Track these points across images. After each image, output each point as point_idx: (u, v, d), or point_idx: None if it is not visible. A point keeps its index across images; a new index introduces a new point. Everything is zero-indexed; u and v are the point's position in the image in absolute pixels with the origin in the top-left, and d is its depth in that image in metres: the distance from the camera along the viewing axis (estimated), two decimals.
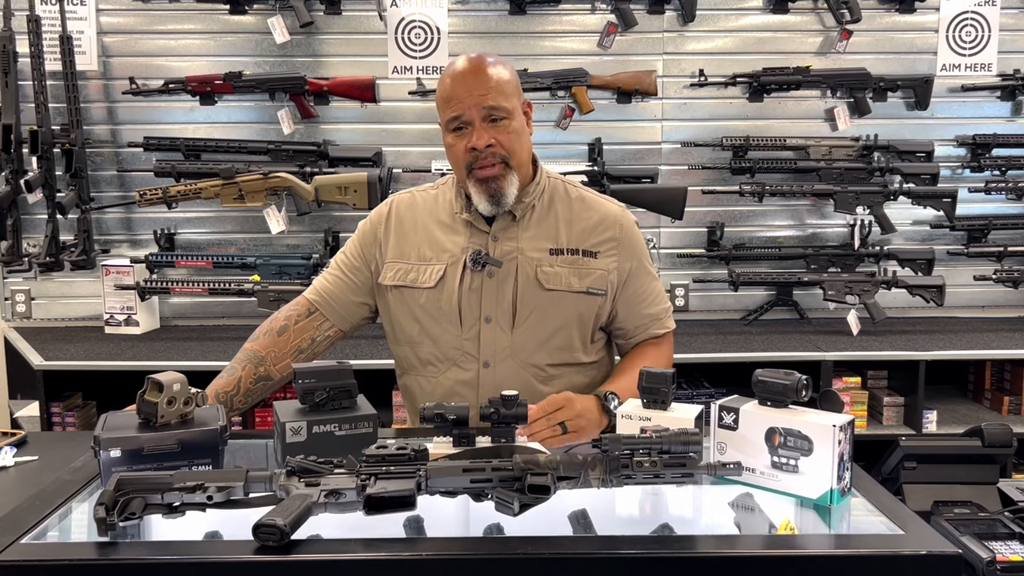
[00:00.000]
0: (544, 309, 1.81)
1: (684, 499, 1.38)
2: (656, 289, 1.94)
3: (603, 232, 1.87)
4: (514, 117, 1.77)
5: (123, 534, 1.17)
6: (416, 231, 1.88)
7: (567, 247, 1.84)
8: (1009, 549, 1.43)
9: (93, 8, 3.33)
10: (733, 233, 3.48)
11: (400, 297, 1.85)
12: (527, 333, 1.81)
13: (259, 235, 3.43)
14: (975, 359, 3.26)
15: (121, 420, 1.39)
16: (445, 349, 1.83)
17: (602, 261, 1.85)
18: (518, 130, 1.79)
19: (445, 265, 1.82)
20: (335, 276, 1.93)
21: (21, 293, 3.44)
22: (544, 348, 1.82)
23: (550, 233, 1.85)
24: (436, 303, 1.82)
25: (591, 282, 1.83)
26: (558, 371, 1.84)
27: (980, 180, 3.44)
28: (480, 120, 1.74)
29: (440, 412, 1.42)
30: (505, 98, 1.75)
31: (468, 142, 1.75)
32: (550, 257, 1.83)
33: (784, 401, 1.33)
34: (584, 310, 1.84)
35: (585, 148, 3.40)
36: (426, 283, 1.82)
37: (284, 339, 1.86)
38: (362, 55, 3.38)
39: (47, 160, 3.17)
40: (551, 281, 1.81)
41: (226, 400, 1.75)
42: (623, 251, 1.88)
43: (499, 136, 1.75)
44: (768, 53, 3.41)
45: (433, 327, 1.83)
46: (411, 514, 1.19)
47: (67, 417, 3.02)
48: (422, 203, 1.92)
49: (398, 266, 1.86)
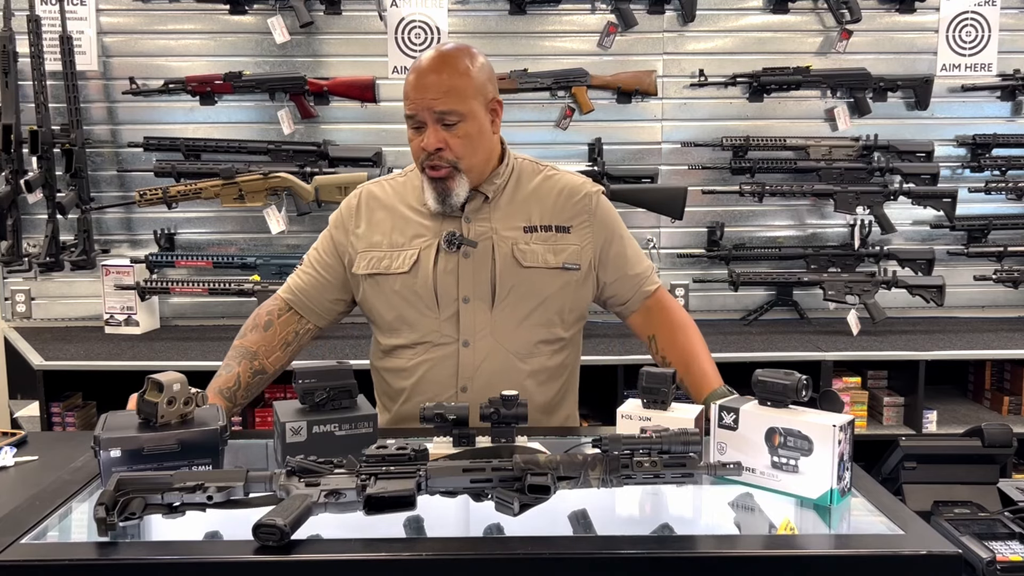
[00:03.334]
0: (523, 286, 1.83)
1: (684, 499, 1.38)
2: (635, 249, 1.96)
3: (575, 207, 1.89)
4: (469, 119, 1.75)
5: (123, 534, 1.17)
6: (387, 218, 1.89)
7: (540, 224, 1.86)
8: (1009, 549, 1.43)
9: (93, 8, 3.33)
10: (733, 233, 3.48)
11: (375, 285, 1.87)
12: (507, 311, 1.83)
13: (259, 235, 3.43)
14: (975, 359, 3.27)
15: (121, 420, 1.39)
16: (423, 332, 1.84)
17: (575, 236, 1.87)
18: (473, 133, 1.77)
19: (418, 250, 1.84)
20: (309, 275, 1.94)
21: (21, 293, 3.44)
22: (524, 325, 1.84)
23: (522, 212, 1.87)
24: (411, 287, 1.83)
25: (566, 257, 1.85)
26: (537, 348, 1.86)
27: (980, 180, 3.44)
28: (432, 122, 1.75)
29: (440, 412, 1.42)
30: (460, 101, 1.74)
31: (421, 141, 1.77)
32: (525, 235, 1.85)
33: (784, 401, 1.33)
34: (562, 285, 1.85)
35: (585, 148, 3.41)
36: (400, 268, 1.83)
37: (271, 333, 1.88)
38: (362, 55, 3.39)
39: (47, 160, 3.17)
40: (528, 258, 1.83)
41: (230, 396, 1.75)
42: (596, 224, 1.89)
43: (450, 140, 1.75)
44: (768, 53, 3.41)
45: (409, 311, 1.85)
46: (411, 514, 1.19)
47: (67, 417, 3.02)
48: (392, 190, 1.93)
49: (371, 254, 1.87)
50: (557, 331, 1.88)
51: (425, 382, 1.85)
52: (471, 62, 1.78)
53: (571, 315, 1.90)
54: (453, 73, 1.75)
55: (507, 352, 1.83)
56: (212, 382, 1.76)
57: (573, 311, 1.90)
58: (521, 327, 1.84)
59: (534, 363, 1.85)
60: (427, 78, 1.75)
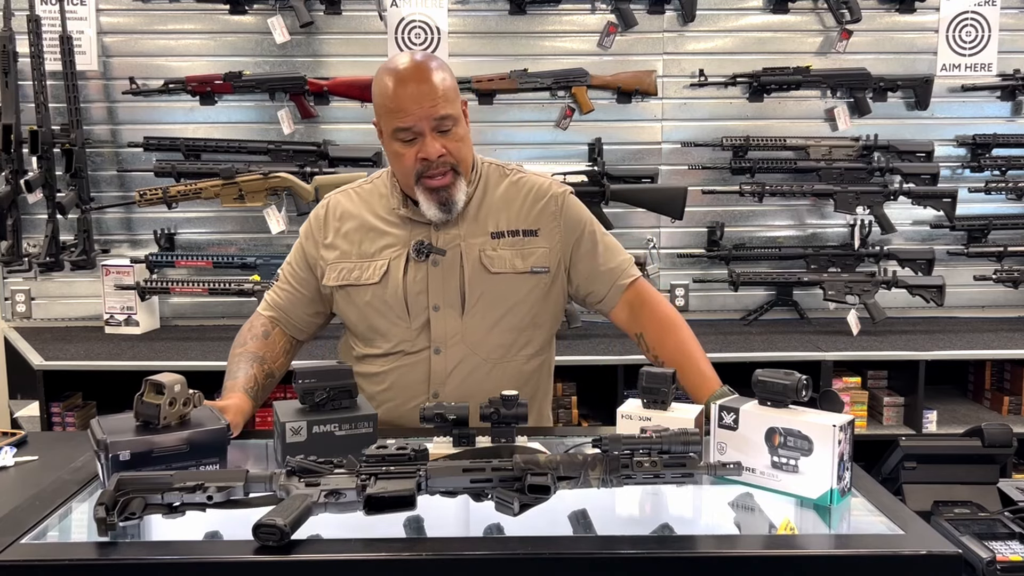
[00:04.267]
0: (492, 293, 1.83)
1: (684, 499, 1.38)
2: (608, 244, 1.94)
3: (542, 209, 1.89)
4: (460, 122, 1.78)
5: (123, 534, 1.17)
6: (356, 228, 1.89)
7: (507, 229, 1.86)
8: (1009, 549, 1.43)
9: (93, 8, 3.33)
10: (733, 233, 3.48)
11: (346, 296, 1.87)
12: (477, 318, 1.83)
13: (259, 235, 3.43)
14: (975, 359, 3.26)
15: (117, 424, 1.37)
16: (395, 342, 1.85)
17: (544, 238, 1.87)
18: (464, 135, 1.80)
19: (388, 260, 1.84)
20: (285, 291, 1.95)
21: (21, 293, 3.44)
22: (494, 331, 1.84)
23: (490, 218, 1.87)
24: (381, 298, 1.83)
25: (534, 261, 1.86)
26: (508, 353, 1.86)
27: (980, 180, 3.44)
28: (430, 131, 1.74)
29: (440, 412, 1.42)
30: (451, 105, 1.75)
31: (419, 151, 1.75)
32: (492, 241, 1.85)
33: (784, 401, 1.33)
34: (530, 289, 1.86)
35: (585, 148, 3.40)
36: (370, 279, 1.84)
37: (272, 341, 1.90)
38: (362, 55, 3.38)
39: (47, 160, 3.17)
40: (496, 264, 1.84)
41: (253, 396, 1.75)
42: (566, 225, 1.89)
43: (448, 144, 1.76)
44: (768, 53, 3.41)
45: (381, 322, 1.85)
46: (411, 514, 1.19)
47: (67, 417, 3.02)
48: (359, 198, 1.93)
49: (341, 266, 1.87)
50: (528, 335, 1.88)
51: (396, 388, 1.86)
52: (443, 67, 1.79)
53: (542, 318, 1.90)
54: (439, 78, 1.75)
55: (478, 358, 1.84)
56: (230, 382, 1.76)
57: (544, 314, 1.90)
58: (492, 333, 1.84)
59: (506, 368, 1.86)
60: (419, 87, 1.73)
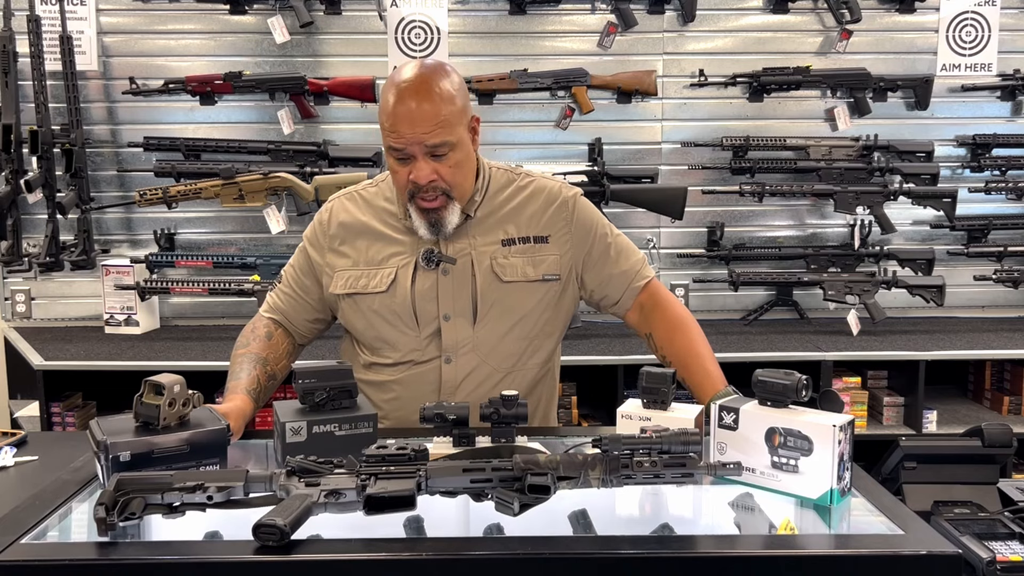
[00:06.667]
0: (505, 302, 1.81)
1: (684, 499, 1.38)
2: (621, 245, 1.91)
3: (552, 215, 1.86)
4: (458, 147, 1.71)
5: (123, 534, 1.17)
6: (362, 235, 1.85)
7: (518, 236, 1.83)
8: (1009, 549, 1.43)
9: (93, 8, 3.33)
10: (733, 233, 3.48)
11: (353, 304, 1.83)
12: (489, 327, 1.81)
13: (259, 235, 3.43)
14: (975, 359, 3.27)
15: (117, 424, 1.37)
16: (404, 352, 1.82)
17: (555, 245, 1.85)
18: (461, 160, 1.73)
19: (395, 268, 1.80)
20: (287, 295, 1.92)
21: (21, 293, 3.44)
22: (506, 339, 1.82)
23: (500, 225, 1.84)
24: (389, 306, 1.80)
25: (545, 269, 1.83)
26: (519, 360, 1.84)
27: (980, 180, 3.44)
28: (422, 155, 1.69)
29: (440, 412, 1.42)
30: (449, 131, 1.68)
31: (410, 173, 1.71)
32: (503, 249, 1.82)
33: (784, 401, 1.33)
34: (542, 296, 1.84)
35: (585, 148, 3.40)
36: (377, 288, 1.79)
37: (274, 343, 1.87)
38: (362, 55, 3.38)
39: (47, 160, 3.17)
40: (508, 273, 1.81)
41: (255, 397, 1.73)
42: (577, 232, 1.86)
43: (441, 170, 1.70)
44: (768, 53, 3.41)
45: (389, 331, 1.82)
46: (411, 514, 1.19)
47: (67, 417, 3.02)
48: (364, 202, 1.88)
49: (348, 274, 1.83)
50: (538, 343, 1.86)
51: (405, 398, 1.83)
52: (451, 83, 1.70)
53: (552, 326, 1.88)
54: (439, 101, 1.67)
55: (490, 367, 1.82)
56: (233, 383, 1.74)
57: (555, 321, 1.88)
58: (503, 342, 1.82)
59: (516, 376, 1.84)
60: (417, 109, 1.66)
